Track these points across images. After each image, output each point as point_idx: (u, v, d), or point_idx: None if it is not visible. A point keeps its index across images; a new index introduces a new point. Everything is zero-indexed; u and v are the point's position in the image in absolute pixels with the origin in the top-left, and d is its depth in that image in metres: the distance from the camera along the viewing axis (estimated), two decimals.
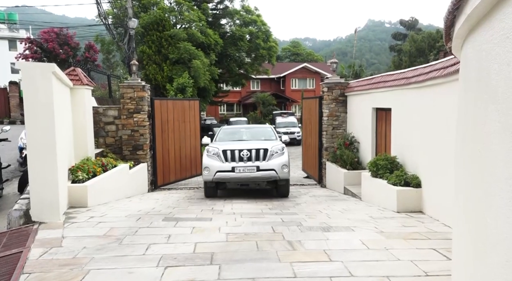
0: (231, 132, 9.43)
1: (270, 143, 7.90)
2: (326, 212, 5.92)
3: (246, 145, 7.86)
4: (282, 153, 7.72)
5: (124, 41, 17.36)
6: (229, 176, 7.45)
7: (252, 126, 10.63)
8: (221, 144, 8.07)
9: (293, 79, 41.88)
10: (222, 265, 3.22)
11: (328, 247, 3.72)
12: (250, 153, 7.53)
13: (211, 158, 7.64)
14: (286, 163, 7.59)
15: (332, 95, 9.68)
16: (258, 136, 9.06)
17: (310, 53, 56.88)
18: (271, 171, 7.45)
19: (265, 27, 28.13)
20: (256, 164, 7.45)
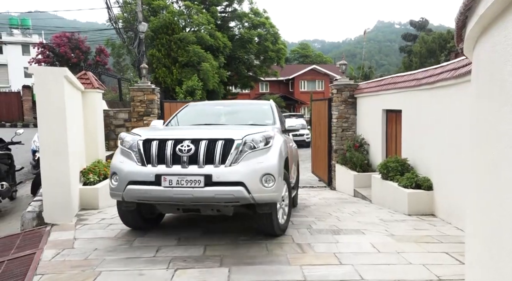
0: (201, 111, 5.63)
1: (247, 130, 3.94)
2: (336, 214, 5.89)
3: (195, 133, 3.98)
4: (265, 149, 3.77)
5: (134, 45, 17.56)
6: (152, 194, 3.65)
7: (241, 102, 7.41)
8: (154, 131, 4.26)
9: (302, 81, 41.80)
10: (231, 268, 3.22)
11: (338, 250, 3.69)
12: (195, 149, 3.65)
13: (124, 157, 3.92)
14: (271, 169, 3.67)
15: (341, 97, 9.63)
16: (245, 118, 5.17)
17: (319, 55, 56.74)
18: (235, 186, 3.54)
19: (274, 30, 28.18)
20: (205, 171, 3.57)
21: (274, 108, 5.34)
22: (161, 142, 3.77)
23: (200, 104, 6.20)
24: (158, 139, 3.81)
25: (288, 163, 4.48)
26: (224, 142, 3.68)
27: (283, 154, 4.05)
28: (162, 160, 3.69)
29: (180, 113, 5.46)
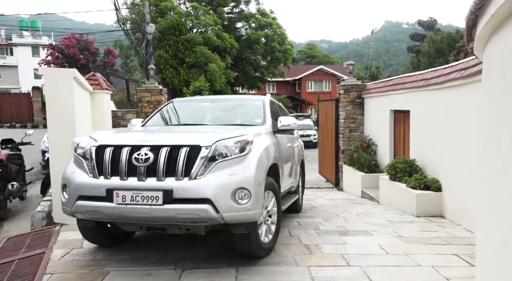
0: (184, 109, 5.03)
1: (220, 134, 3.30)
2: (344, 215, 5.86)
3: (156, 137, 3.51)
4: (241, 157, 3.15)
5: (142, 46, 17.68)
6: (103, 212, 3.10)
7: (230, 98, 5.96)
8: (114, 135, 3.78)
9: (309, 82, 41.71)
10: (239, 268, 3.22)
11: (345, 251, 3.67)
12: (154, 157, 3.05)
13: (76, 166, 3.35)
14: (246, 182, 3.05)
15: (348, 97, 9.58)
16: (232, 117, 4.59)
17: (326, 55, 56.58)
18: (200, 203, 2.93)
19: (281, 30, 28.15)
20: (165, 186, 2.97)
21: (267, 105, 4.55)
22: (116, 149, 3.11)
23: (186, 100, 5.50)
24: (113, 146, 3.15)
25: (279, 170, 3.90)
26: (188, 150, 3.01)
27: (267, 162, 3.38)
28: (117, 170, 3.04)
29: (162, 111, 4.80)
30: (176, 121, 4.68)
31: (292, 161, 4.96)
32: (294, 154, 5.19)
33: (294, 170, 5.13)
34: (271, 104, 4.86)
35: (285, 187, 4.57)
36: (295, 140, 5.61)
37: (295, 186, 5.26)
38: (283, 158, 4.26)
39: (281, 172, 4.07)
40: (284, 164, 4.28)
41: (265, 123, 4.17)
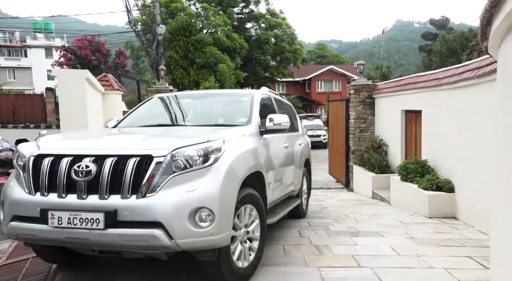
0: (163, 106, 4.45)
1: (181, 140, 2.76)
2: (354, 216, 5.81)
3: (102, 144, 2.98)
4: (204, 169, 2.59)
5: (153, 47, 17.83)
6: (38, 236, 2.56)
7: (216, 93, 5.21)
8: (63, 141, 3.20)
9: (319, 82, 41.52)
10: None
11: (356, 253, 3.64)
12: (97, 170, 2.50)
13: (15, 179, 2.82)
14: (209, 200, 2.51)
15: (359, 97, 9.51)
16: (215, 115, 4.09)
17: (336, 55, 56.24)
18: (149, 227, 2.40)
19: (290, 30, 28.11)
20: (108, 205, 2.43)
21: (255, 101, 3.92)
22: (56, 159, 2.58)
23: (167, 96, 4.65)
24: (53, 155, 2.61)
25: (264, 178, 3.34)
26: (138, 160, 2.47)
27: (242, 172, 2.82)
28: (54, 186, 2.52)
29: (139, 109, 4.30)
30: (152, 121, 3.97)
31: (290, 164, 4.45)
32: (294, 156, 4.67)
33: (295, 173, 4.66)
34: (264, 100, 4.24)
35: (278, 195, 4.02)
36: (297, 139, 5.03)
37: (296, 190, 4.84)
38: (274, 163, 3.73)
39: (269, 180, 3.51)
40: (274, 170, 3.73)
41: (250, 123, 3.56)
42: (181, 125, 3.89)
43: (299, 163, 4.95)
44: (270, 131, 3.66)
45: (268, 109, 4.24)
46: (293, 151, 4.66)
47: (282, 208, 4.22)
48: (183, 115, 4.18)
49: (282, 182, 4.15)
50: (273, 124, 3.59)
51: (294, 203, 4.70)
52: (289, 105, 5.44)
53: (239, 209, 2.80)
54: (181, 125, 3.91)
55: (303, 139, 5.50)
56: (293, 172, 4.60)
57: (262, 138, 3.57)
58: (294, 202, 4.72)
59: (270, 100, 4.49)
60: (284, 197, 4.45)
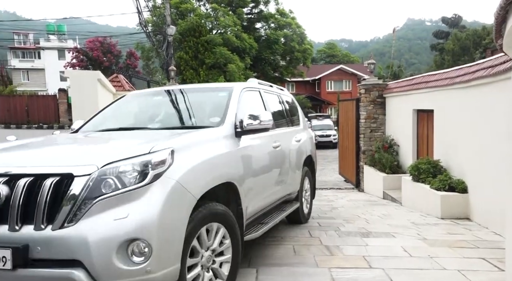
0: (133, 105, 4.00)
1: (115, 152, 2.21)
2: (365, 217, 5.77)
3: (14, 160, 2.37)
4: (140, 189, 2.03)
5: (163, 48, 17.97)
6: None
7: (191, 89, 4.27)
8: None
9: (329, 81, 41.33)
10: (259, 268, 3.22)
11: (367, 253, 3.61)
12: (6, 194, 1.99)
13: None
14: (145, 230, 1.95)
15: (369, 97, 9.43)
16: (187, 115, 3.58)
17: (346, 54, 55.92)
18: (67, 267, 1.89)
19: (300, 30, 28.04)
20: (17, 239, 1.92)
21: (233, 97, 3.35)
22: None
23: (141, 94, 4.20)
24: None
25: (239, 189, 2.81)
26: (57, 181, 1.99)
27: (196, 188, 2.27)
28: None
29: (108, 108, 3.82)
30: (116, 123, 3.54)
31: (283, 165, 3.94)
32: (289, 155, 4.16)
33: (290, 174, 4.17)
34: (248, 94, 3.68)
35: (265, 203, 3.54)
36: (295, 135, 4.51)
37: (294, 192, 4.41)
38: (257, 167, 3.23)
39: (249, 188, 3.00)
40: (258, 175, 3.24)
41: (223, 123, 3.02)
42: (143, 129, 3.27)
43: (297, 163, 4.44)
44: (250, 131, 3.09)
45: (255, 104, 3.76)
46: (288, 150, 4.15)
47: (272, 216, 3.71)
48: (151, 116, 3.63)
49: (271, 187, 3.64)
50: (251, 124, 3.02)
51: (291, 208, 4.24)
52: (287, 96, 4.99)
53: (199, 231, 2.28)
54: (144, 128, 3.29)
55: (304, 134, 4.95)
56: (287, 173, 4.09)
57: (240, 141, 3.04)
58: (290, 207, 4.25)
59: (257, 94, 3.94)
60: (277, 203, 3.97)
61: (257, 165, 3.28)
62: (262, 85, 4.29)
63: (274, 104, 4.36)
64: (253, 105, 3.73)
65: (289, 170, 4.18)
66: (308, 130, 5.35)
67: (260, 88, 4.10)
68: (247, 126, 3.04)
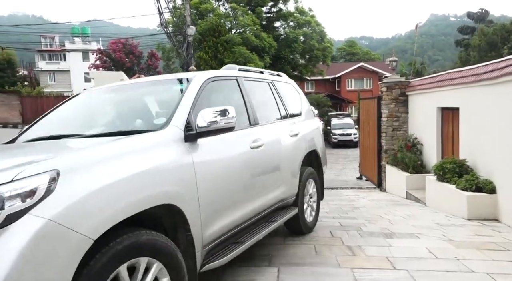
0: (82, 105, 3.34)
1: None
2: (388, 217, 5.66)
3: None
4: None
5: (183, 48, 18.17)
6: None
7: (143, 83, 3.52)
8: None
9: (349, 80, 40.75)
10: (280, 268, 3.21)
11: (391, 254, 3.54)
12: None
13: None
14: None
15: (391, 95, 9.25)
16: (132, 116, 2.93)
17: (366, 52, 55.00)
18: None
19: (320, 28, 27.77)
20: None
21: (189, 91, 2.69)
22: None
23: (95, 91, 3.64)
24: None
25: (183, 212, 2.18)
26: None
27: (88, 225, 1.63)
28: None
29: (56, 110, 3.26)
30: (52, 129, 2.94)
31: (266, 169, 3.27)
32: (280, 153, 3.53)
33: (282, 176, 3.53)
34: (215, 85, 3.00)
35: (238, 220, 2.81)
36: (291, 128, 3.88)
37: (290, 196, 3.75)
38: (222, 177, 2.61)
39: (205, 207, 2.37)
40: (222, 188, 2.61)
41: (167, 126, 2.37)
42: (75, 136, 2.61)
43: (293, 162, 3.76)
44: (209, 133, 2.47)
45: (227, 97, 3.18)
46: (276, 148, 3.47)
47: (254, 232, 3.03)
48: (93, 118, 3.07)
49: (247, 197, 2.95)
50: (206, 124, 2.41)
51: (284, 216, 3.53)
52: (283, 83, 4.33)
53: (114, 272, 1.72)
54: (76, 135, 2.63)
55: (306, 125, 4.25)
56: (277, 176, 3.44)
57: (193, 146, 2.41)
58: (284, 215, 3.55)
59: (233, 84, 3.26)
60: (264, 213, 3.28)
61: (221, 175, 2.60)
62: (244, 71, 3.65)
63: (261, 94, 3.72)
64: (225, 98, 3.14)
65: (280, 172, 3.50)
66: (313, 120, 4.63)
67: (238, 76, 3.38)
68: (202, 127, 2.42)
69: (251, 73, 3.77)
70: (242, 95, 3.28)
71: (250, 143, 3.05)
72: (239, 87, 3.31)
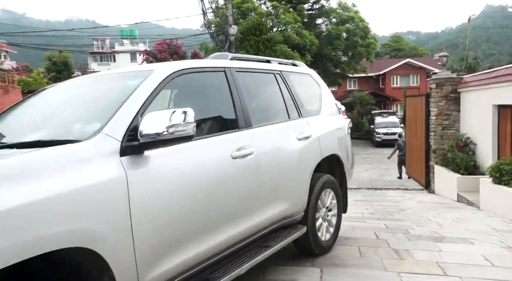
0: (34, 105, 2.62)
1: None
2: (437, 220, 5.38)
3: None
4: None
5: (225, 47, 18.46)
6: None
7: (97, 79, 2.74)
8: None
9: (394, 76, 39.20)
10: (323, 269, 3.15)
11: (441, 260, 3.35)
12: None
13: None
14: None
15: (441, 92, 8.78)
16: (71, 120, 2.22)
17: (413, 47, 52.62)
18: None
19: (363, 24, 26.98)
20: None
21: (145, 86, 2.11)
22: None
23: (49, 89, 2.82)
24: None
25: (102, 256, 1.62)
26: None
27: None
28: None
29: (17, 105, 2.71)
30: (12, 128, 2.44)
31: (256, 182, 2.58)
32: (279, 163, 2.82)
33: (283, 191, 2.86)
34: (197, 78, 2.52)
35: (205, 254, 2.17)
36: (301, 130, 3.16)
37: (297, 212, 3.07)
38: (175, 201, 1.98)
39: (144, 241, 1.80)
40: (172, 217, 1.97)
41: (96, 135, 1.81)
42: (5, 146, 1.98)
43: (300, 171, 3.06)
44: (166, 142, 1.87)
45: (204, 95, 2.60)
46: (275, 155, 2.80)
47: (230, 267, 2.33)
48: (23, 121, 2.48)
49: (224, 222, 2.30)
50: (152, 132, 1.81)
51: (284, 239, 2.84)
52: (297, 74, 3.57)
53: None
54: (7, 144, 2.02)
55: (324, 125, 3.52)
56: (274, 191, 2.77)
57: (137, 160, 1.84)
58: (284, 238, 2.86)
59: (220, 77, 2.64)
60: (251, 239, 2.59)
61: (178, 196, 1.99)
62: (239, 60, 3.03)
63: (261, 88, 3.14)
64: (202, 95, 2.58)
65: (280, 185, 2.82)
66: (336, 118, 3.82)
67: (228, 66, 2.72)
68: (144, 136, 1.81)
69: (250, 62, 3.14)
70: (230, 91, 2.64)
71: (233, 152, 2.39)
72: (227, 80, 2.66)
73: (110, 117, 1.89)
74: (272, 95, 3.20)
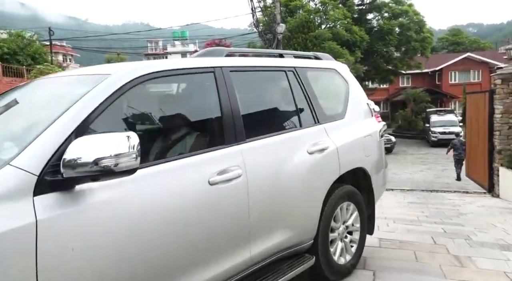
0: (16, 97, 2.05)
1: None
2: (503, 226, 4.94)
3: None
4: None
5: (273, 46, 18.47)
6: None
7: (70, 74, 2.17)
8: None
9: (452, 72, 36.75)
10: (376, 272, 3.03)
11: (510, 269, 3.07)
12: None
13: None
14: None
15: (508, 88, 8.06)
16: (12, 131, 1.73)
17: (474, 41, 49.07)
18: None
19: (418, 17, 25.67)
20: None
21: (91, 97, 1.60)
22: None
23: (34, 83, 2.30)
24: None
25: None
26: None
27: None
28: None
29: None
30: None
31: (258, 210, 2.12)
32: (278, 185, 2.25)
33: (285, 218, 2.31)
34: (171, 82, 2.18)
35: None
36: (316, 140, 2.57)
37: (302, 242, 2.47)
38: (112, 250, 1.50)
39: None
40: (109, 264, 1.50)
41: (3, 167, 1.35)
42: None
43: (309, 192, 2.46)
44: (90, 178, 1.40)
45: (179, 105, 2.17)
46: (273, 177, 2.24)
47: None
48: None
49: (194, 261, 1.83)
50: (76, 163, 1.35)
51: (283, 275, 2.24)
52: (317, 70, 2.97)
53: None
54: None
55: (348, 132, 2.89)
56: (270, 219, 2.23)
57: (60, 198, 1.40)
58: (284, 274, 2.26)
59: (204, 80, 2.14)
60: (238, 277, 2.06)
61: (117, 246, 1.51)
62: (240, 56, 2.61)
63: (265, 90, 2.63)
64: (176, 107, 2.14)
65: (279, 212, 2.28)
66: (366, 121, 3.18)
67: (219, 66, 2.18)
68: (67, 169, 1.35)
69: (253, 59, 2.63)
70: (218, 97, 2.10)
71: (211, 177, 1.89)
72: (216, 83, 2.12)
73: (31, 141, 1.42)
74: (280, 98, 2.66)
